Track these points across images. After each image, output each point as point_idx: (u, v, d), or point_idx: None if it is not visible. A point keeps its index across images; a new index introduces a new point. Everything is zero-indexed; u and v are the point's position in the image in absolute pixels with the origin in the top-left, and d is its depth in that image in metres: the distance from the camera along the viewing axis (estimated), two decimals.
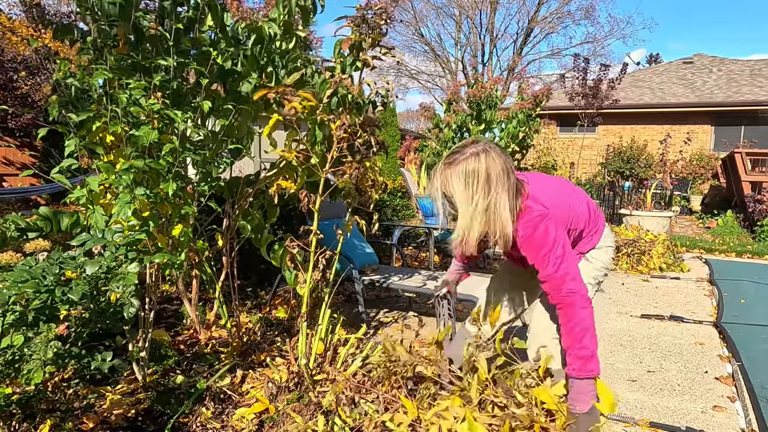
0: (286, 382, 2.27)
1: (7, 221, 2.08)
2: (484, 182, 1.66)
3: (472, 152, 1.69)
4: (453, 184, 1.69)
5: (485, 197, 1.66)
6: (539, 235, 1.72)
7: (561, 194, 1.90)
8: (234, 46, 2.47)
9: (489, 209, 1.67)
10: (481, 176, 1.66)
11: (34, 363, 1.66)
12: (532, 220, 1.73)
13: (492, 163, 1.67)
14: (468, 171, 1.66)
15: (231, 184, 2.73)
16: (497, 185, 1.67)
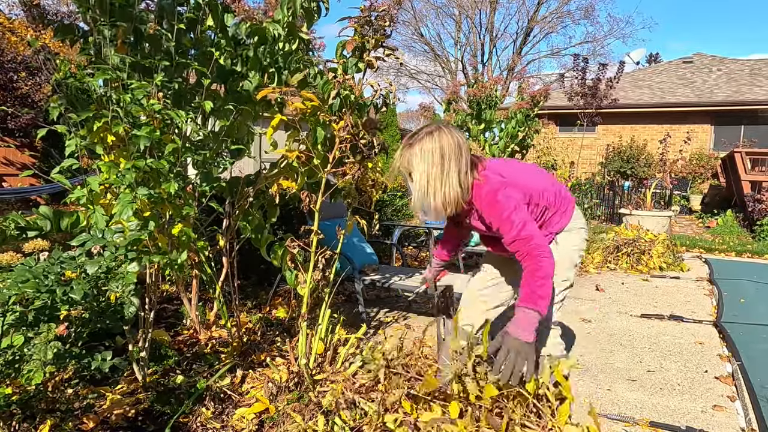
0: (286, 382, 2.27)
1: (7, 220, 2.08)
2: (439, 157, 1.83)
3: (426, 132, 1.88)
4: (413, 162, 1.86)
5: (441, 169, 1.83)
6: (500, 201, 1.86)
7: (520, 171, 2.03)
8: (234, 46, 2.47)
9: (443, 179, 1.83)
10: (435, 152, 1.83)
11: (35, 363, 1.66)
12: (492, 188, 1.88)
13: (445, 139, 1.85)
14: (424, 148, 1.84)
15: (231, 184, 2.73)
16: (450, 158, 1.84)
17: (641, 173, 13.34)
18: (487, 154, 6.43)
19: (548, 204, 2.03)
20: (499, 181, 1.89)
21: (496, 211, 1.86)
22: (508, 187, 1.87)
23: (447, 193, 1.84)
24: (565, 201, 2.10)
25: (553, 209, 2.05)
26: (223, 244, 2.80)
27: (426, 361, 2.21)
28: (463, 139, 1.90)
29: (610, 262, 6.15)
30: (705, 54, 18.44)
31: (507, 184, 1.88)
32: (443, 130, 1.88)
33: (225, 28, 2.45)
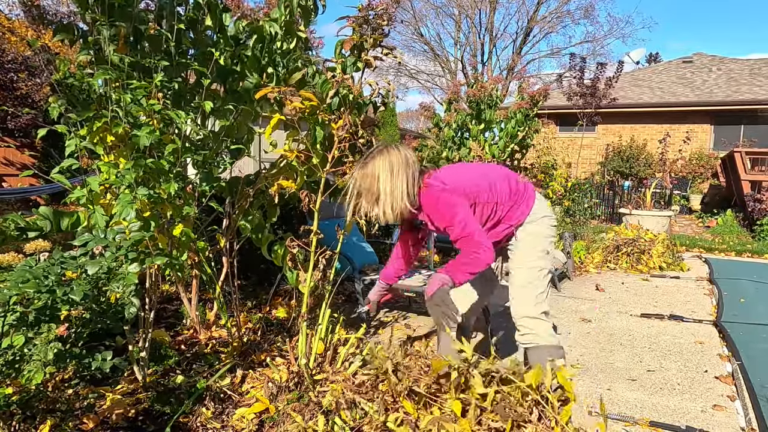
0: (286, 381, 2.27)
1: (7, 220, 2.07)
2: (388, 172, 2.06)
3: (377, 152, 2.11)
4: (367, 180, 2.08)
5: (391, 183, 2.06)
6: (442, 204, 2.08)
7: (465, 174, 2.21)
8: (233, 46, 2.47)
9: (393, 191, 2.06)
10: (384, 169, 2.06)
11: (35, 363, 1.66)
12: (434, 194, 2.10)
13: (394, 156, 2.08)
14: (376, 166, 2.07)
15: (231, 183, 2.73)
16: (398, 172, 2.06)
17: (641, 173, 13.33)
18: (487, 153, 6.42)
19: (499, 200, 2.17)
20: (440, 188, 2.10)
21: (440, 214, 2.10)
22: (447, 192, 2.09)
23: (397, 202, 2.07)
24: (522, 195, 2.22)
25: (507, 204, 2.19)
26: (223, 244, 2.80)
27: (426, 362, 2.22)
28: (410, 154, 2.14)
29: (610, 262, 6.15)
30: (705, 54, 18.43)
31: (447, 190, 2.09)
32: (390, 147, 2.12)
33: (224, 28, 2.45)
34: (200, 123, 2.53)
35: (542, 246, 2.20)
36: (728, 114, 14.44)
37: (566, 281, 5.34)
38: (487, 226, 2.20)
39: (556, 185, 8.69)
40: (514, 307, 2.22)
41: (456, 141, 6.90)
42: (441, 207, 2.09)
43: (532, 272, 2.18)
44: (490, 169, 2.29)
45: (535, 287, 2.17)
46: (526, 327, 2.17)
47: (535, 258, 2.19)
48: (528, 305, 2.17)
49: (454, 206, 2.06)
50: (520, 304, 2.20)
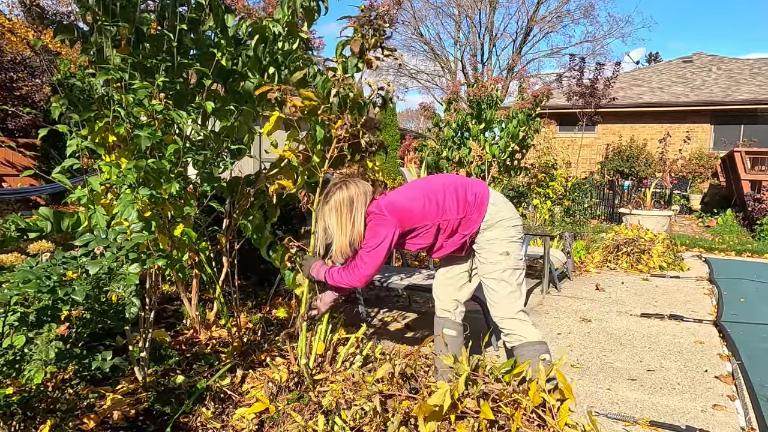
0: (286, 381, 2.27)
1: (7, 221, 2.07)
2: (348, 205, 2.18)
3: (337, 187, 2.21)
4: (328, 215, 2.20)
5: (348, 217, 2.18)
6: (370, 228, 2.21)
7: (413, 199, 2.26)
8: (235, 46, 2.47)
9: (351, 227, 2.19)
10: (344, 202, 2.18)
11: (35, 363, 1.66)
12: (371, 218, 2.22)
13: (352, 191, 2.19)
14: (337, 201, 2.18)
15: (231, 184, 2.74)
16: (357, 204, 2.19)
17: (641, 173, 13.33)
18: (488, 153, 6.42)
19: (449, 217, 2.24)
20: (373, 215, 2.20)
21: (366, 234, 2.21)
22: (379, 219, 2.19)
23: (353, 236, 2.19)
24: (473, 205, 2.25)
25: (457, 218, 2.24)
26: (224, 244, 2.80)
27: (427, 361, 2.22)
28: (367, 186, 2.26)
29: (610, 262, 6.16)
30: (705, 53, 18.42)
31: (378, 218, 2.19)
32: (349, 182, 2.22)
33: (226, 28, 2.45)
34: (201, 123, 2.53)
35: (501, 249, 2.25)
36: (728, 114, 14.44)
37: (566, 281, 5.34)
38: (442, 237, 2.28)
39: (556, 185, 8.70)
40: (492, 312, 2.29)
41: (456, 141, 6.90)
42: (370, 228, 2.20)
43: (496, 276, 2.24)
44: (439, 185, 2.32)
45: (503, 288, 2.23)
46: (507, 328, 2.23)
47: (496, 262, 2.24)
48: (502, 307, 2.24)
49: (377, 233, 2.17)
50: (496, 308, 2.26)
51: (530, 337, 2.19)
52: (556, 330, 3.69)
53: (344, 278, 2.23)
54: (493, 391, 1.82)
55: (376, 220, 2.20)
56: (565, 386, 1.81)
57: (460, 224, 2.26)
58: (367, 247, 2.19)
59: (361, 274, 2.20)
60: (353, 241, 2.20)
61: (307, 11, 2.58)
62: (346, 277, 2.22)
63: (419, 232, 2.27)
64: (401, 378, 2.03)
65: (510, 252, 2.26)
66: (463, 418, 1.75)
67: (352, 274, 2.21)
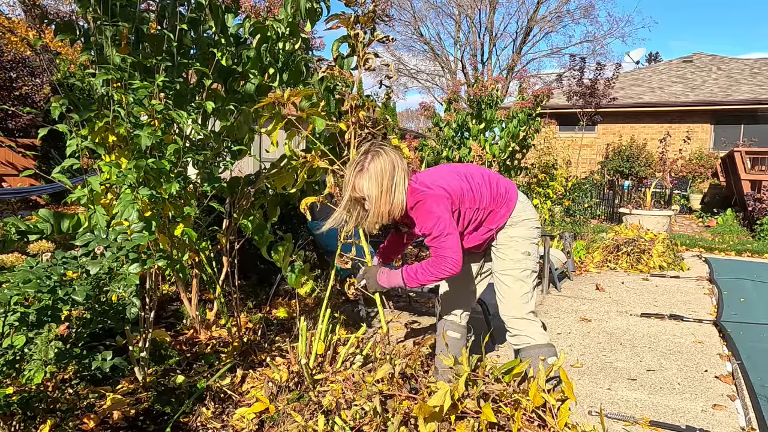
0: (286, 381, 2.27)
1: (7, 224, 2.08)
2: (389, 175, 2.01)
3: (372, 155, 2.04)
4: (365, 186, 2.02)
5: (389, 187, 2.02)
6: (424, 210, 2.05)
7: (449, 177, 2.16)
8: (235, 45, 2.47)
9: (390, 195, 2.02)
10: (386, 171, 2.00)
11: (35, 363, 1.66)
12: (417, 198, 2.07)
13: (393, 156, 2.04)
14: (378, 170, 2.00)
15: (231, 183, 2.73)
16: (397, 173, 2.02)
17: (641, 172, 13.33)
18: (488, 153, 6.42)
19: (481, 205, 2.15)
20: (423, 193, 2.06)
21: (421, 219, 2.06)
22: (430, 197, 2.05)
23: (393, 207, 2.04)
24: (503, 198, 2.20)
25: (488, 209, 2.17)
26: (224, 244, 2.80)
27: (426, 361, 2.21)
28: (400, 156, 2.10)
29: (610, 262, 6.15)
30: (705, 53, 18.41)
31: (430, 195, 2.05)
32: (383, 149, 2.05)
33: (226, 28, 2.45)
34: (201, 123, 2.53)
35: (524, 248, 2.20)
36: (728, 114, 14.43)
37: (566, 281, 5.34)
38: (468, 229, 2.19)
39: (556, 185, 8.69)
40: (502, 310, 2.24)
41: (456, 140, 6.90)
42: (423, 213, 2.06)
43: (515, 274, 2.19)
44: (472, 172, 2.24)
45: (519, 288, 2.18)
46: (516, 328, 2.18)
47: (517, 260, 2.19)
48: (514, 307, 2.19)
49: (435, 213, 2.03)
50: (506, 306, 2.21)
51: (538, 339, 2.16)
52: (556, 330, 3.69)
53: (434, 272, 2.06)
54: (494, 392, 1.82)
55: (423, 198, 2.05)
56: (566, 386, 1.81)
57: (488, 216, 2.18)
58: (433, 234, 2.03)
59: (451, 258, 2.02)
60: (393, 210, 2.04)
61: (310, 12, 2.58)
62: (436, 270, 2.05)
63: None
64: (401, 378, 2.03)
65: (531, 253, 2.22)
66: (463, 418, 1.75)
67: (440, 265, 2.03)
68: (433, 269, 2.05)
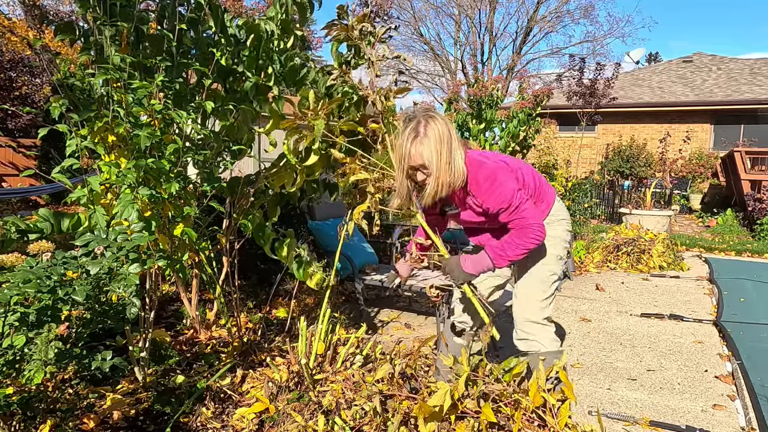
0: (286, 381, 2.27)
1: (7, 224, 2.08)
2: (448, 138, 1.84)
3: (426, 120, 1.85)
4: (425, 152, 1.83)
5: (450, 153, 1.84)
6: (496, 181, 1.88)
7: (499, 155, 2.05)
8: (234, 45, 2.47)
9: (452, 163, 1.85)
10: (445, 134, 1.83)
11: (35, 363, 1.66)
12: (489, 170, 1.90)
13: (445, 123, 1.86)
14: (436, 135, 1.82)
15: (231, 183, 2.73)
16: (454, 140, 1.86)
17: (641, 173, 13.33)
18: None
19: (530, 193, 2.04)
20: (483, 165, 1.90)
21: (495, 193, 1.88)
22: (501, 170, 1.90)
23: (455, 176, 1.85)
24: (544, 193, 2.11)
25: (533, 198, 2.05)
26: (224, 244, 2.80)
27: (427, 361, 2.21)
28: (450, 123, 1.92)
29: (610, 262, 6.15)
30: (705, 53, 18.42)
31: (499, 168, 1.90)
32: (436, 115, 1.87)
33: (225, 28, 2.45)
34: (201, 123, 2.53)
35: (557, 251, 2.09)
36: (728, 114, 14.43)
37: (566, 281, 5.34)
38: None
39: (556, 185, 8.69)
40: (518, 309, 2.13)
41: None
42: (495, 185, 1.88)
43: (542, 276, 2.09)
44: (519, 160, 2.12)
45: (542, 291, 2.08)
46: (527, 332, 2.09)
47: (546, 263, 2.08)
48: (532, 309, 2.09)
49: (507, 185, 1.87)
50: (524, 306, 2.11)
51: (548, 346, 2.06)
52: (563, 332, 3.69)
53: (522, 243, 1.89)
54: (494, 392, 1.82)
55: (491, 171, 1.89)
56: (566, 386, 1.81)
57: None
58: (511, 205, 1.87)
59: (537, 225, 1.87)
60: (454, 180, 1.85)
61: (300, 7, 2.56)
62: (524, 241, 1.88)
63: None
64: (401, 378, 2.03)
65: (562, 257, 2.11)
66: (463, 418, 1.75)
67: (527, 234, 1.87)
68: (520, 240, 1.89)
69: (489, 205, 1.92)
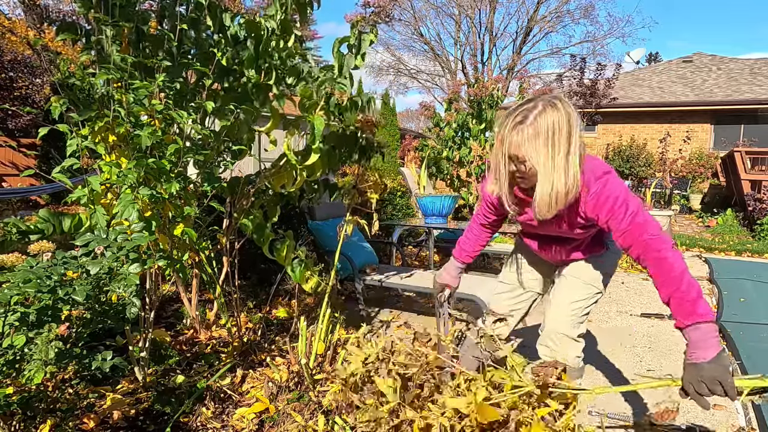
0: (286, 381, 2.27)
1: (8, 225, 2.08)
2: (567, 135, 1.49)
3: (545, 104, 1.50)
4: (530, 146, 1.49)
5: (566, 152, 1.49)
6: (610, 191, 1.57)
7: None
8: (234, 45, 2.47)
9: (568, 164, 1.50)
10: (562, 128, 1.48)
11: (36, 363, 1.66)
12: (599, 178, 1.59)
13: (569, 111, 1.50)
14: (549, 126, 1.47)
15: (231, 183, 2.74)
16: (574, 136, 1.50)
17: (641, 173, 13.33)
18: (488, 154, 6.42)
19: None
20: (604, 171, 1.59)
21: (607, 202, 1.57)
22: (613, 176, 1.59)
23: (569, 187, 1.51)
24: None
25: None
26: (224, 244, 2.80)
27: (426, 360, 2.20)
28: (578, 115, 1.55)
29: None
30: (705, 53, 18.42)
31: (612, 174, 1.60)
32: (562, 99, 1.52)
33: (224, 27, 2.45)
34: (201, 123, 2.53)
35: (611, 269, 1.94)
36: (728, 114, 14.44)
37: None
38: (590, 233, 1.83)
39: None
40: (552, 319, 1.92)
41: (456, 141, 6.91)
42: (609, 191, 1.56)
43: (588, 291, 1.90)
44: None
45: (583, 308, 1.90)
46: (555, 344, 1.90)
47: (598, 278, 1.90)
48: (567, 323, 1.90)
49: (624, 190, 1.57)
50: (558, 318, 1.91)
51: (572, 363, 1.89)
52: None
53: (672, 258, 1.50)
54: None
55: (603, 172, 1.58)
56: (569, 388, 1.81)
57: None
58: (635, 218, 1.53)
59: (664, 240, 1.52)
60: (567, 191, 1.51)
61: (300, 6, 2.56)
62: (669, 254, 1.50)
63: None
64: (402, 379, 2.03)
65: (611, 275, 1.94)
66: None
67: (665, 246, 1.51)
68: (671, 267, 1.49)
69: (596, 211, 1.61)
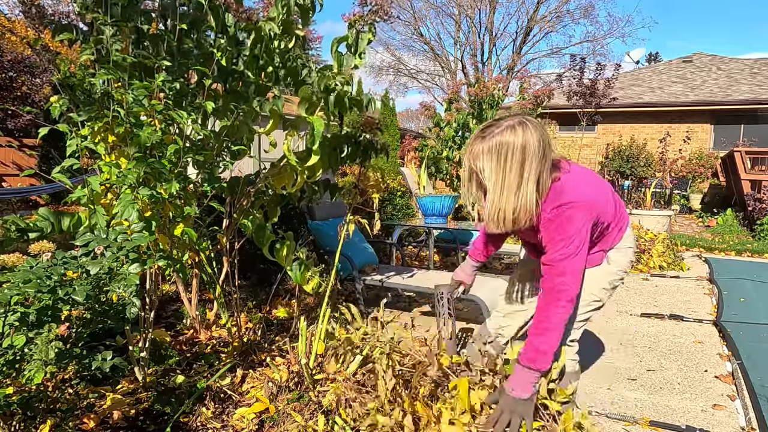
0: (286, 381, 2.27)
1: (7, 222, 2.08)
2: (520, 160, 1.56)
3: (508, 125, 1.59)
4: (484, 160, 1.59)
5: (518, 174, 1.57)
6: (562, 221, 1.64)
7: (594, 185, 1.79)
8: (235, 45, 2.47)
9: (519, 187, 1.58)
10: (515, 152, 1.55)
11: (36, 363, 1.66)
12: (561, 205, 1.65)
13: (529, 138, 1.56)
14: (503, 146, 1.56)
15: (231, 183, 2.74)
16: (531, 162, 1.57)
17: (641, 172, 13.34)
18: None
19: (611, 221, 1.84)
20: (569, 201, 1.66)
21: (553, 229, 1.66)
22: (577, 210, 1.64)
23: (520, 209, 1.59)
24: (623, 218, 1.93)
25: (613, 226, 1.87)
26: (224, 244, 2.80)
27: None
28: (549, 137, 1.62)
29: None
30: (705, 53, 18.42)
31: (576, 207, 1.65)
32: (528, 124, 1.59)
33: (226, 28, 2.45)
34: (201, 123, 2.53)
35: (612, 278, 1.92)
36: (728, 114, 14.44)
37: None
38: None
39: None
40: None
41: (457, 141, 6.90)
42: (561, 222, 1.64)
43: (585, 298, 1.90)
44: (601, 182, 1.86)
45: (580, 315, 1.93)
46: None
47: (598, 288, 1.92)
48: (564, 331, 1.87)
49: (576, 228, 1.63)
50: None
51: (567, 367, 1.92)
52: None
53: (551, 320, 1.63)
54: None
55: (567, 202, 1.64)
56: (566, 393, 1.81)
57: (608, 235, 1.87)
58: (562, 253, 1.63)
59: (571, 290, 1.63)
60: (516, 213, 1.59)
61: (302, 9, 2.57)
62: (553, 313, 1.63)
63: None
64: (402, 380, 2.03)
65: (615, 286, 1.95)
66: None
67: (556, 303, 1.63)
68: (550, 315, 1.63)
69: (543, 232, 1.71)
